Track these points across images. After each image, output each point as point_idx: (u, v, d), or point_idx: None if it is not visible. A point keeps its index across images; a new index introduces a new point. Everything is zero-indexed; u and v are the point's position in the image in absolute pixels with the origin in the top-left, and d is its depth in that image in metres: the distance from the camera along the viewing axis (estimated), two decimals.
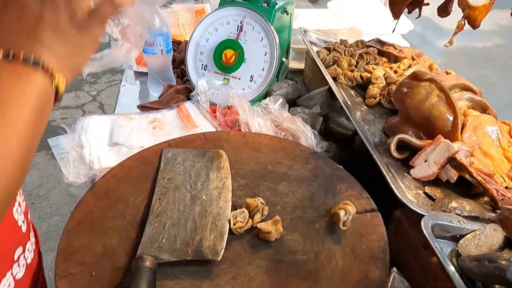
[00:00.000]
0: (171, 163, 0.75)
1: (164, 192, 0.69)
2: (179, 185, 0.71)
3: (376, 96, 1.00)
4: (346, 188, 0.72)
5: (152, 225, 0.63)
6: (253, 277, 0.58)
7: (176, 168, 0.74)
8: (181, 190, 0.70)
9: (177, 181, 0.72)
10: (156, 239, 0.61)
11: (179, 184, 0.71)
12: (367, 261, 0.60)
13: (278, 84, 1.15)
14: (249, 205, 0.65)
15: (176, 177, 0.72)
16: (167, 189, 0.70)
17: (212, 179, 0.72)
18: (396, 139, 0.81)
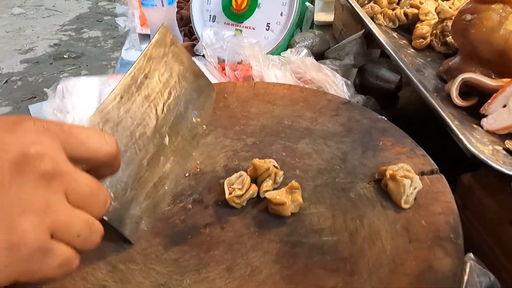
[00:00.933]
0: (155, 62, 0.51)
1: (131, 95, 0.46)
2: (152, 95, 0.49)
3: (426, 36, 0.77)
4: (392, 144, 0.52)
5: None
6: (257, 268, 0.39)
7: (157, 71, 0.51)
8: (151, 104, 0.48)
9: (152, 87, 0.49)
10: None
11: (153, 93, 0.49)
12: (430, 244, 0.40)
13: (301, 34, 0.94)
14: (256, 167, 0.46)
15: (152, 82, 0.50)
16: (136, 93, 0.47)
17: (189, 120, 0.54)
18: (459, 81, 0.60)
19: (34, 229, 0.27)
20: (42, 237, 0.27)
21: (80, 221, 0.30)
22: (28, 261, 0.27)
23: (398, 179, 0.44)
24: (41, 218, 0.27)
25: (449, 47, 0.77)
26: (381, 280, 0.37)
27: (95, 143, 0.32)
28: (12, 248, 0.26)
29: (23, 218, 0.27)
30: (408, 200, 0.44)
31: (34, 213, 0.27)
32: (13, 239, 0.26)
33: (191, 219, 0.45)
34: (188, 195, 0.47)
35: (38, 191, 0.27)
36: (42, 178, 0.27)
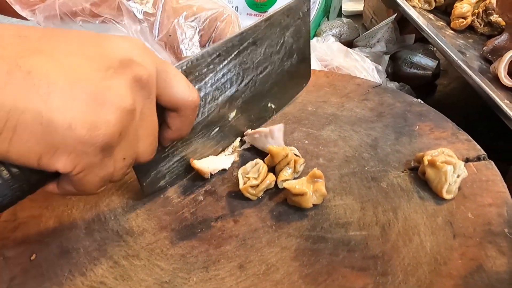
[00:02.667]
0: None
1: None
2: (247, 63, 0.44)
3: (467, 15, 0.70)
4: (431, 129, 0.45)
5: None
6: (273, 266, 0.34)
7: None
8: (241, 72, 0.43)
9: (254, 55, 0.44)
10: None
11: (249, 62, 0.44)
12: (479, 241, 0.33)
13: (328, 23, 0.89)
14: (272, 154, 0.41)
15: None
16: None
17: (264, 102, 0.49)
18: (508, 58, 0.53)
19: (114, 124, 0.27)
20: (116, 136, 0.28)
21: (133, 148, 0.31)
22: (92, 153, 0.27)
23: (438, 165, 0.38)
24: (123, 117, 0.28)
25: (493, 28, 0.70)
26: (419, 282, 0.31)
27: (181, 84, 0.32)
28: (92, 130, 0.26)
29: (111, 110, 0.27)
30: (451, 190, 0.37)
31: (120, 110, 0.27)
32: (97, 122, 0.26)
33: (202, 211, 0.40)
34: (199, 186, 0.43)
35: (129, 92, 0.28)
36: (135, 81, 0.28)
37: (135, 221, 0.40)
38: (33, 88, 0.25)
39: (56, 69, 0.25)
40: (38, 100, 0.25)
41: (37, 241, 0.40)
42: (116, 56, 0.28)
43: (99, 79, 0.27)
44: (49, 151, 0.26)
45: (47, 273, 0.36)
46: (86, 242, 0.39)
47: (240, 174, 0.41)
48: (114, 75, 0.27)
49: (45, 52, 0.26)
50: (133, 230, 0.39)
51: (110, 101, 0.27)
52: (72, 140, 0.26)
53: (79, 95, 0.26)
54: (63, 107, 0.25)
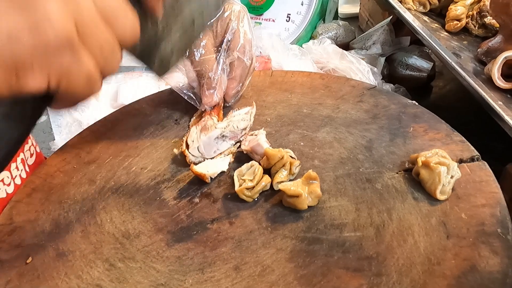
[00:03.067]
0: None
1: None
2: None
3: (461, 17, 0.70)
4: (425, 130, 0.46)
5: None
6: (268, 267, 0.34)
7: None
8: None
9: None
10: None
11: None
12: (472, 241, 0.34)
13: (324, 26, 0.90)
14: (268, 156, 0.42)
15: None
16: None
17: None
18: (502, 60, 0.53)
19: (59, 16, 0.24)
20: (68, 26, 0.24)
21: (104, 33, 0.27)
22: (55, 55, 0.24)
23: (432, 167, 0.38)
24: (67, 7, 0.24)
25: (488, 29, 0.70)
26: (413, 282, 0.31)
27: None
28: (36, 28, 0.23)
29: (49, 2, 0.23)
30: (444, 191, 0.37)
31: (64, 2, 0.24)
32: (37, 21, 0.23)
33: (198, 214, 0.41)
34: (195, 188, 0.43)
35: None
36: None
37: (131, 223, 0.40)
38: None
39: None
40: None
41: (33, 245, 0.40)
42: None
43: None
44: (10, 72, 0.24)
45: (43, 276, 0.36)
46: (82, 245, 0.39)
47: (236, 176, 0.41)
48: None
49: None
50: (129, 232, 0.40)
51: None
52: (21, 50, 0.23)
53: (13, 2, 0.23)
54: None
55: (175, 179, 0.45)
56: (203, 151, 0.46)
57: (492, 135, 0.56)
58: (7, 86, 0.24)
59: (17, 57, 0.23)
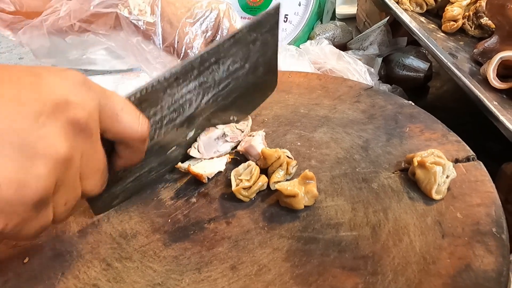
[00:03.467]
0: None
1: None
2: (208, 81, 0.41)
3: (457, 18, 0.71)
4: (421, 130, 0.46)
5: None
6: (265, 266, 0.35)
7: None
8: (201, 92, 0.41)
9: (215, 74, 0.41)
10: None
11: (210, 80, 0.41)
12: (467, 240, 0.34)
13: (321, 26, 0.90)
14: (265, 156, 0.42)
15: None
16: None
17: (227, 116, 0.47)
18: (497, 60, 0.53)
19: (46, 178, 0.25)
20: (49, 189, 0.26)
21: (76, 191, 0.29)
22: (23, 211, 0.25)
23: (427, 166, 0.38)
24: (57, 168, 0.26)
25: (484, 30, 0.71)
26: (409, 281, 0.32)
27: (128, 118, 0.30)
28: (20, 190, 0.24)
29: (42, 162, 0.25)
30: (440, 190, 0.38)
31: (52, 161, 0.25)
32: (25, 180, 0.24)
33: (195, 213, 0.41)
34: (192, 188, 0.43)
35: (63, 138, 0.26)
36: (71, 125, 0.26)
37: (128, 223, 0.41)
38: None
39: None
40: None
41: (30, 244, 0.40)
42: (50, 99, 0.25)
43: (29, 129, 0.24)
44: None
45: (40, 276, 0.36)
46: (79, 245, 0.39)
47: (233, 176, 0.41)
48: (47, 121, 0.25)
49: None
50: (126, 232, 0.40)
51: (41, 153, 0.25)
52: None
53: (6, 151, 0.24)
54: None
55: (172, 179, 0.45)
56: (203, 151, 0.45)
57: (488, 135, 0.56)
58: None
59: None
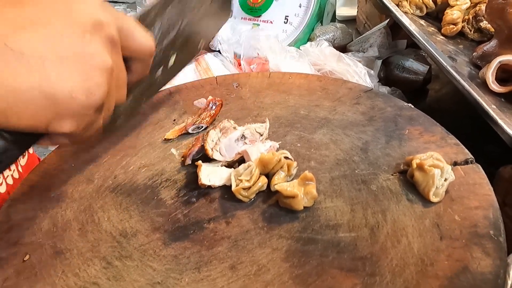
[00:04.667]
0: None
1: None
2: (184, 9, 0.47)
3: (457, 21, 0.71)
4: (420, 133, 0.46)
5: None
6: (264, 266, 0.35)
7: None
8: (179, 18, 0.47)
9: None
10: None
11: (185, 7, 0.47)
12: (465, 242, 0.34)
13: (322, 28, 0.90)
14: (264, 163, 0.42)
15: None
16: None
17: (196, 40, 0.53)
18: (496, 64, 0.54)
19: (104, 85, 0.30)
20: (106, 95, 0.30)
21: (114, 98, 0.34)
22: (91, 113, 0.30)
23: (426, 169, 0.38)
24: (108, 77, 0.30)
25: (483, 34, 0.71)
26: (406, 283, 0.32)
27: (140, 35, 0.34)
28: (89, 95, 0.29)
29: (99, 73, 0.29)
30: (438, 193, 0.38)
31: (105, 71, 0.30)
32: (91, 87, 0.29)
33: (195, 213, 0.41)
34: (193, 188, 0.44)
35: (106, 52, 0.30)
36: (108, 41, 0.30)
37: (128, 222, 0.41)
38: (29, 66, 0.26)
39: (44, 43, 0.27)
40: (37, 77, 0.27)
41: (30, 242, 0.40)
42: (87, 19, 0.29)
43: (81, 46, 0.29)
44: (56, 118, 0.29)
45: (40, 274, 0.37)
46: (80, 243, 0.39)
47: (233, 176, 0.42)
48: (92, 39, 0.29)
49: (28, 28, 0.27)
50: (126, 231, 0.40)
51: (96, 65, 0.29)
52: (74, 106, 0.28)
53: (70, 65, 0.28)
54: (61, 79, 0.27)
55: (173, 179, 0.45)
56: (225, 153, 0.46)
57: (486, 138, 0.57)
58: (46, 127, 0.29)
59: (69, 110, 0.29)
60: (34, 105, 0.27)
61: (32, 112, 0.28)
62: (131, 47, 0.34)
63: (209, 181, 0.42)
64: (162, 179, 0.46)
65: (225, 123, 0.48)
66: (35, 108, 0.27)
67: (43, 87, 0.27)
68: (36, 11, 0.28)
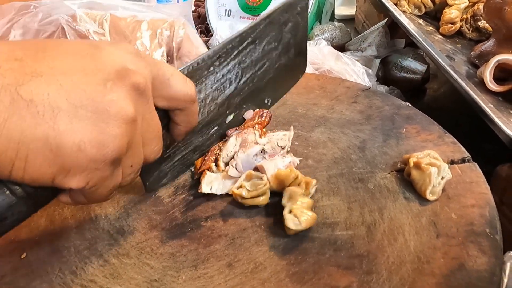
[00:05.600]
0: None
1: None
2: (246, 61, 0.44)
3: (455, 21, 0.71)
4: (418, 131, 0.46)
5: None
6: (261, 264, 0.35)
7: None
8: (240, 71, 0.44)
9: (252, 53, 0.44)
10: None
11: (248, 60, 0.44)
12: (461, 240, 0.34)
13: (320, 27, 0.90)
14: (282, 179, 0.39)
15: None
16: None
17: (261, 98, 0.49)
18: (494, 63, 0.54)
19: (121, 138, 0.28)
20: (124, 148, 0.28)
21: (140, 154, 0.31)
22: (104, 168, 0.28)
23: (423, 167, 0.38)
24: (128, 129, 0.28)
25: (481, 33, 0.71)
26: (403, 280, 0.32)
27: (178, 82, 0.32)
28: (101, 148, 0.27)
29: (116, 124, 0.27)
30: (434, 191, 0.38)
31: (124, 122, 0.27)
32: (105, 139, 0.27)
33: (192, 211, 0.41)
34: (190, 186, 0.44)
35: (129, 101, 0.28)
36: (133, 90, 0.28)
37: (126, 220, 0.41)
38: (38, 116, 0.25)
39: (57, 91, 0.25)
40: (45, 127, 0.25)
41: (27, 240, 0.40)
42: (112, 67, 0.27)
43: (100, 95, 0.27)
44: (62, 172, 0.27)
45: (37, 271, 0.37)
46: (77, 241, 0.39)
47: (240, 180, 0.41)
48: (113, 87, 0.27)
49: (43, 74, 0.25)
50: (124, 229, 0.40)
51: (114, 115, 0.27)
52: (83, 160, 0.26)
53: (83, 115, 0.26)
54: (70, 130, 0.26)
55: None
56: (242, 169, 0.43)
57: (484, 137, 0.57)
58: (51, 181, 0.27)
59: (76, 163, 0.26)
60: (38, 157, 0.25)
61: (36, 164, 0.25)
62: (166, 95, 0.32)
63: (210, 189, 0.41)
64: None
65: (249, 135, 0.45)
66: (39, 160, 0.25)
67: (49, 137, 0.25)
68: (59, 59, 0.26)
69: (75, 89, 0.26)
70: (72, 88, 0.26)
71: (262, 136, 0.45)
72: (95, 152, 0.26)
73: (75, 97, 0.26)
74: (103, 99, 0.27)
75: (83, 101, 0.26)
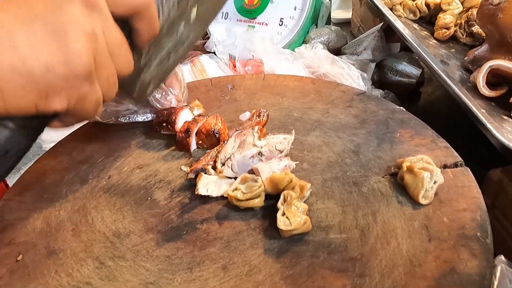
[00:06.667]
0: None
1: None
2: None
3: (450, 26, 0.72)
4: (411, 136, 0.47)
5: None
6: (255, 267, 0.35)
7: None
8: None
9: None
10: None
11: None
12: (453, 244, 0.35)
13: (316, 30, 0.91)
14: (276, 182, 0.40)
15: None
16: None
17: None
18: (487, 68, 0.54)
19: (85, 52, 0.28)
20: (91, 61, 0.29)
21: (111, 67, 0.32)
22: (79, 84, 0.29)
23: (416, 172, 0.39)
24: (88, 42, 0.29)
25: (475, 38, 0.72)
26: (395, 283, 0.32)
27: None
28: (68, 64, 0.28)
29: (75, 39, 0.28)
30: (427, 195, 0.39)
31: (83, 37, 0.28)
32: (69, 56, 0.28)
33: (188, 214, 0.41)
34: (186, 189, 0.44)
35: (83, 16, 0.28)
36: (85, 6, 0.29)
37: (122, 223, 0.41)
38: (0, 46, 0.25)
39: (12, 15, 0.26)
40: (8, 55, 0.26)
41: (24, 242, 0.40)
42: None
43: (54, 15, 0.27)
44: (42, 97, 0.28)
45: (34, 274, 0.37)
46: (73, 243, 0.39)
47: (235, 183, 0.41)
48: (65, 5, 0.28)
49: (4, 9, 0.26)
50: (120, 231, 0.40)
51: (71, 31, 0.28)
52: (55, 80, 0.27)
53: (42, 36, 0.27)
54: (33, 53, 0.26)
55: (166, 180, 0.46)
56: (237, 170, 0.44)
57: (478, 141, 0.58)
58: (35, 107, 0.28)
59: (50, 85, 0.27)
60: (12, 86, 0.26)
61: (13, 93, 0.26)
62: (121, 6, 0.32)
63: (206, 191, 0.42)
64: (156, 180, 0.46)
65: (248, 136, 0.45)
66: (14, 88, 0.26)
67: (15, 63, 0.26)
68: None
69: (28, 14, 0.27)
70: (25, 13, 0.27)
71: (262, 137, 0.46)
72: (64, 69, 0.27)
73: (29, 18, 0.26)
74: (58, 18, 0.27)
75: (38, 21, 0.26)
